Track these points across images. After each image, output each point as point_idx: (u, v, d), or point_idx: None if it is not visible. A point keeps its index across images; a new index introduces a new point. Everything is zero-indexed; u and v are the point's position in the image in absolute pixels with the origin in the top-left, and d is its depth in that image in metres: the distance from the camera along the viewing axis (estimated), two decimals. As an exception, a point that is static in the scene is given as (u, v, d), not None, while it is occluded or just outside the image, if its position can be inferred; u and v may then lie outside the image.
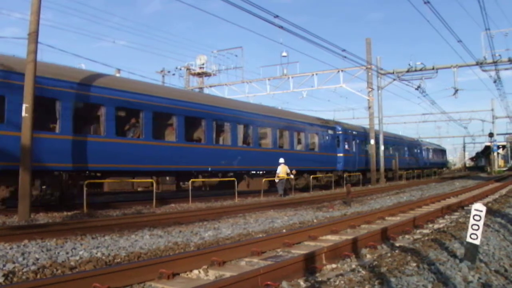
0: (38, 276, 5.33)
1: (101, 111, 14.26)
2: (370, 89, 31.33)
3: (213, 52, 39.46)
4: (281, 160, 20.60)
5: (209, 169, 17.99)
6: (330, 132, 27.50)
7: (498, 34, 28.43)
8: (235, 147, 19.45)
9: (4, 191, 12.13)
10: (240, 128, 20.02)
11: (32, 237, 7.82)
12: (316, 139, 26.05)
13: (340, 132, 28.57)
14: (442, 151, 66.01)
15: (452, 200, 15.88)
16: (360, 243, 7.02)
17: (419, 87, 30.53)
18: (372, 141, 31.22)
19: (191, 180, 16.98)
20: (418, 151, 48.00)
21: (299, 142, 24.64)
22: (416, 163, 45.91)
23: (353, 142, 30.19)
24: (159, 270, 5.30)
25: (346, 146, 28.78)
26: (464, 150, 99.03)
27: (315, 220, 11.02)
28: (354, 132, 30.70)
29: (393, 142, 39.51)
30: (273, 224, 10.16)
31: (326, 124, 27.73)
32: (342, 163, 27.91)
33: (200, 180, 18.13)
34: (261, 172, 21.63)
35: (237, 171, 19.78)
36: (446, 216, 11.46)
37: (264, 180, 20.53)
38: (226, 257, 6.19)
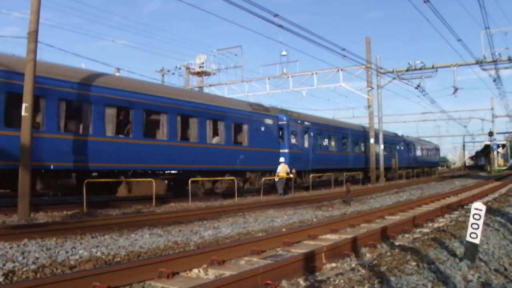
0: (38, 275, 5.33)
1: None
2: (369, 88, 31.33)
3: (212, 51, 39.53)
4: (281, 159, 20.66)
5: (51, 167, 13.05)
6: (268, 121, 21.54)
7: (498, 33, 28.38)
8: (98, 137, 14.16)
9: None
10: (111, 113, 14.70)
11: (32, 236, 7.81)
12: (245, 130, 20.18)
13: (285, 123, 22.91)
14: (435, 149, 59.47)
15: (452, 199, 15.88)
16: (360, 242, 7.02)
17: (418, 86, 30.53)
18: (372, 140, 31.19)
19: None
20: (402, 148, 41.73)
21: (216, 133, 18.92)
22: (398, 161, 39.66)
23: (306, 136, 24.67)
24: (159, 269, 5.30)
25: (294, 140, 23.21)
26: (463, 149, 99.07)
27: (314, 219, 11.02)
28: (306, 123, 24.92)
29: (357, 136, 32.76)
30: (272, 223, 10.17)
31: (262, 112, 21.75)
32: (287, 161, 21.91)
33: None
34: (160, 172, 16.98)
35: (104, 170, 14.63)
36: (446, 215, 11.46)
37: (162, 181, 16.21)
38: (226, 256, 6.19)
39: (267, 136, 21.56)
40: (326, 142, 27.43)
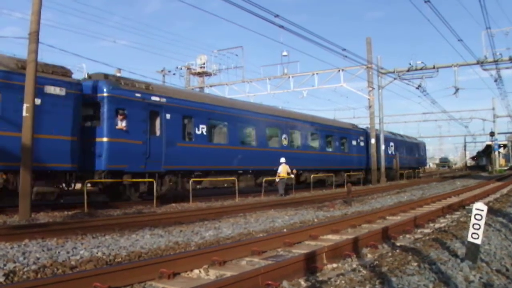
0: (39, 276, 5.33)
1: None
2: (370, 89, 31.31)
3: (213, 51, 39.48)
4: (282, 159, 20.57)
5: None
6: (53, 91, 13.20)
7: (498, 33, 28.36)
8: None
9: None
10: None
11: (32, 236, 7.82)
12: None
13: (104, 95, 14.57)
14: (417, 146, 48.09)
15: (453, 200, 15.86)
16: (361, 242, 7.02)
17: (419, 86, 30.50)
18: (373, 140, 31.12)
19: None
20: (362, 144, 31.60)
21: None
22: (354, 161, 30.20)
23: (158, 119, 16.06)
24: (160, 270, 5.30)
25: (123, 124, 14.90)
26: (465, 149, 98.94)
27: (315, 220, 11.01)
28: (155, 98, 16.02)
29: (301, 128, 24.94)
30: (273, 224, 10.16)
31: (41, 74, 12.38)
32: (106, 155, 14.28)
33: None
34: None
35: None
36: (447, 216, 11.45)
37: None
38: (227, 256, 6.19)
39: (50, 115, 13.08)
40: (204, 130, 17.92)
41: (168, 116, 16.40)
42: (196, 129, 17.67)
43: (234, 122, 19.81)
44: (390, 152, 36.30)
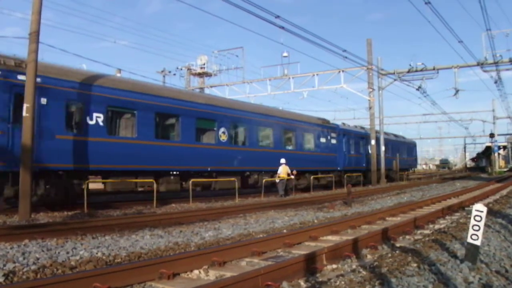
0: (39, 276, 5.33)
1: None
2: (371, 90, 31.32)
3: (214, 52, 39.56)
4: (282, 160, 20.55)
5: None
6: None
7: (499, 35, 28.42)
8: None
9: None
10: None
11: (32, 236, 7.82)
12: None
13: None
14: (407, 145, 43.67)
15: (453, 201, 15.86)
16: (361, 243, 7.02)
17: (420, 87, 30.53)
18: (373, 142, 31.12)
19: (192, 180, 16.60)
20: (335, 141, 27.57)
21: None
22: (324, 161, 26.37)
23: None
24: (160, 270, 5.30)
25: None
26: (465, 151, 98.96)
27: (315, 221, 11.01)
28: None
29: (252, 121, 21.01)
30: (273, 225, 10.16)
31: None
32: None
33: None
34: None
35: None
36: (447, 217, 11.45)
37: None
38: (227, 257, 6.19)
39: None
40: (100, 120, 14.25)
41: (43, 100, 12.85)
42: (88, 118, 14.03)
43: (147, 111, 15.81)
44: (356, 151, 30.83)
